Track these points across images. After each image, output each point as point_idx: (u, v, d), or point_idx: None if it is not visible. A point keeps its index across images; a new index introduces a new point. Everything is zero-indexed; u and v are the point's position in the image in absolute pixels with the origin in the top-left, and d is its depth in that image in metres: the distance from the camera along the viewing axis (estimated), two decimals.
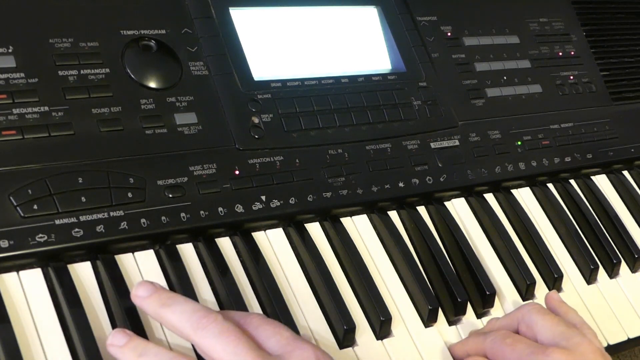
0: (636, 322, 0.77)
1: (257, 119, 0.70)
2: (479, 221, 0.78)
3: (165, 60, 0.68)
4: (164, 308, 0.54)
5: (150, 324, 0.58)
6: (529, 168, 0.82)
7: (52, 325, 0.55)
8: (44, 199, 0.58)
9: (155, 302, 0.55)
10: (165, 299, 0.55)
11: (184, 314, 0.53)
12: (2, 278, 0.56)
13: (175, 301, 0.55)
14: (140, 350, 0.52)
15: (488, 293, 0.70)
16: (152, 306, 0.55)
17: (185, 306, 0.54)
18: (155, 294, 0.55)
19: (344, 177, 0.71)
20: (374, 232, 0.72)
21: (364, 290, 0.66)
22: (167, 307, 0.54)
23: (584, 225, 0.83)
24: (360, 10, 0.81)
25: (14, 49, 0.62)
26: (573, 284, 0.77)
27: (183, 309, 0.54)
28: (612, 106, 0.93)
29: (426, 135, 0.78)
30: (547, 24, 0.93)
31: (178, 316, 0.54)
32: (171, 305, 0.54)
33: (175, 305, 0.54)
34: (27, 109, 0.61)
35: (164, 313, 0.54)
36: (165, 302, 0.55)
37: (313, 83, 0.74)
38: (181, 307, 0.54)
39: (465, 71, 0.84)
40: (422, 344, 0.66)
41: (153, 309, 0.55)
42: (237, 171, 0.67)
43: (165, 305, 0.54)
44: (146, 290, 0.55)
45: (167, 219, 0.62)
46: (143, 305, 0.55)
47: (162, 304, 0.54)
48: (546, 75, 0.90)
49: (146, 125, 0.65)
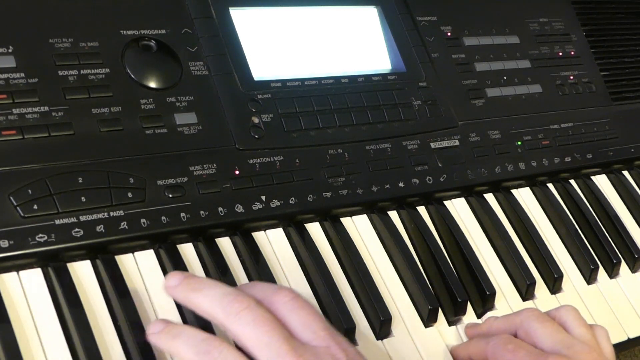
0: (636, 322, 0.77)
1: (257, 119, 0.70)
2: (479, 221, 0.78)
3: (165, 60, 0.68)
4: (194, 292, 0.53)
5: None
6: (529, 168, 0.82)
7: (52, 325, 0.55)
8: (44, 199, 0.58)
9: (186, 288, 0.54)
10: (195, 283, 0.54)
11: (215, 297, 0.52)
12: (2, 278, 0.56)
13: (205, 285, 0.54)
14: (175, 332, 0.52)
15: (488, 293, 0.70)
16: (182, 293, 0.54)
17: (215, 290, 0.53)
18: (185, 280, 0.54)
19: (344, 177, 0.71)
20: (374, 232, 0.72)
21: (364, 290, 0.66)
22: (197, 292, 0.53)
23: (584, 225, 0.83)
24: (360, 10, 0.81)
25: (14, 49, 0.62)
26: (573, 284, 0.77)
27: (214, 292, 0.53)
28: (612, 106, 0.93)
29: (426, 135, 0.78)
30: (547, 24, 0.93)
31: (209, 300, 0.52)
32: (202, 289, 0.53)
33: (205, 289, 0.53)
34: (27, 109, 0.61)
35: (194, 297, 0.53)
36: (195, 286, 0.54)
37: (313, 83, 0.74)
38: (212, 290, 0.53)
39: (465, 71, 0.84)
40: (422, 344, 0.66)
41: (184, 296, 0.54)
42: (237, 171, 0.67)
43: (195, 290, 0.53)
44: (176, 279, 0.55)
45: (167, 219, 0.62)
46: (175, 294, 0.55)
47: (192, 288, 0.54)
48: (546, 75, 0.90)
49: (146, 125, 0.65)
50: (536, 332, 0.62)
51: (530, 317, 0.64)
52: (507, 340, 0.62)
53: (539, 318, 0.63)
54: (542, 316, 0.64)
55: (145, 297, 0.60)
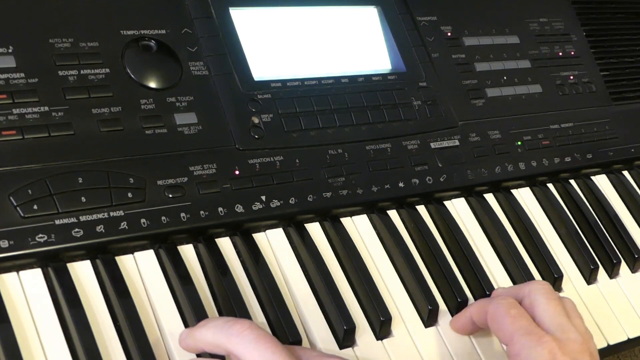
0: (636, 322, 0.77)
1: (257, 119, 0.70)
2: (479, 221, 0.78)
3: (165, 60, 0.68)
4: (198, 329, 0.56)
5: (153, 326, 0.58)
6: (529, 168, 0.82)
7: (52, 325, 0.55)
8: (44, 199, 0.58)
9: (192, 331, 0.56)
10: (200, 323, 0.57)
11: (217, 325, 0.55)
12: (2, 278, 0.56)
13: (208, 321, 0.56)
14: (198, 325, 0.56)
15: (488, 293, 0.70)
16: (189, 336, 0.56)
17: (217, 321, 0.56)
18: (190, 329, 0.57)
19: (344, 177, 0.71)
20: (374, 232, 0.72)
21: (364, 290, 0.66)
22: (200, 327, 0.56)
23: (584, 225, 0.83)
24: (360, 10, 0.81)
25: (14, 49, 0.62)
26: (573, 284, 0.77)
27: (215, 323, 0.55)
28: (612, 106, 0.93)
29: (426, 135, 0.78)
30: (547, 24, 0.93)
31: (212, 330, 0.55)
32: (204, 325, 0.56)
33: (208, 323, 0.56)
34: (27, 109, 0.61)
35: (198, 334, 0.56)
36: (199, 325, 0.56)
37: (313, 83, 0.74)
38: (213, 322, 0.55)
39: (465, 71, 0.84)
40: (422, 344, 0.66)
41: (192, 338, 0.56)
42: (237, 171, 0.67)
43: (199, 327, 0.56)
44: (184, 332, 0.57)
45: (167, 219, 0.62)
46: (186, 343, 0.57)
47: (197, 328, 0.56)
48: (546, 75, 0.90)
49: (146, 125, 0.65)
50: (539, 306, 0.62)
51: (539, 290, 0.63)
52: (511, 305, 0.62)
53: (547, 294, 0.63)
54: (551, 293, 0.63)
55: (145, 297, 0.60)
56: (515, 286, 0.66)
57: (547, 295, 0.63)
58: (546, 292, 0.63)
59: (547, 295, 0.63)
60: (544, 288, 0.64)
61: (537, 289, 0.63)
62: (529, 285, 0.64)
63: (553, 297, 0.63)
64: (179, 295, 0.60)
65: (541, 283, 0.65)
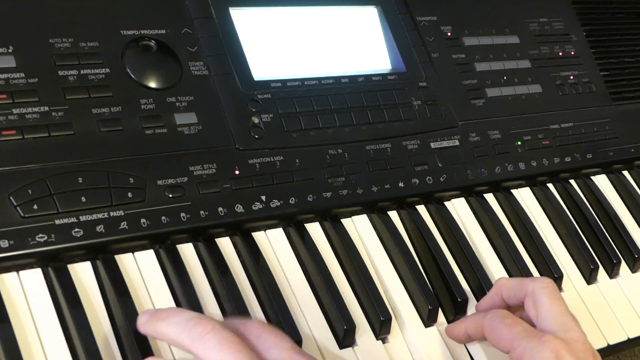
0: (636, 322, 0.77)
1: (257, 119, 0.70)
2: (479, 221, 0.78)
3: (165, 60, 0.68)
4: (160, 322, 0.54)
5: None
6: (529, 168, 0.82)
7: (52, 325, 0.55)
8: (44, 199, 0.58)
9: (152, 320, 0.54)
10: (162, 314, 0.54)
11: (179, 323, 0.53)
12: (2, 278, 0.56)
13: (170, 314, 0.54)
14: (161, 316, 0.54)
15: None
16: (150, 326, 0.54)
17: (180, 316, 0.53)
18: (152, 314, 0.55)
19: (344, 177, 0.71)
20: (374, 232, 0.72)
21: (364, 290, 0.66)
22: (162, 321, 0.54)
23: (584, 225, 0.83)
24: (360, 10, 0.81)
25: (14, 49, 0.62)
26: (573, 284, 0.77)
27: (178, 319, 0.53)
28: (612, 106, 0.93)
29: (426, 135, 0.78)
30: (547, 24, 0.93)
31: (174, 327, 0.53)
32: (166, 318, 0.54)
33: (170, 317, 0.53)
34: (27, 109, 0.61)
35: (159, 327, 0.54)
36: (161, 316, 0.54)
37: (313, 83, 0.74)
38: (176, 317, 0.53)
39: (465, 71, 0.84)
40: (422, 344, 0.66)
41: (152, 328, 0.54)
42: (237, 171, 0.67)
43: (161, 319, 0.54)
44: (145, 315, 0.55)
45: (167, 219, 0.62)
46: (145, 329, 0.55)
47: (158, 319, 0.54)
48: (546, 75, 0.90)
49: (146, 125, 0.65)
50: (543, 306, 0.62)
51: (543, 289, 0.63)
52: (505, 315, 0.62)
53: (551, 294, 0.63)
54: (554, 293, 0.63)
55: (145, 297, 0.60)
56: (519, 278, 0.66)
57: (550, 295, 0.63)
58: (550, 292, 0.63)
59: (550, 295, 0.63)
60: (548, 288, 0.63)
61: (540, 288, 0.63)
62: (533, 283, 0.64)
63: (556, 296, 0.63)
64: (179, 295, 0.60)
65: (545, 281, 0.64)
